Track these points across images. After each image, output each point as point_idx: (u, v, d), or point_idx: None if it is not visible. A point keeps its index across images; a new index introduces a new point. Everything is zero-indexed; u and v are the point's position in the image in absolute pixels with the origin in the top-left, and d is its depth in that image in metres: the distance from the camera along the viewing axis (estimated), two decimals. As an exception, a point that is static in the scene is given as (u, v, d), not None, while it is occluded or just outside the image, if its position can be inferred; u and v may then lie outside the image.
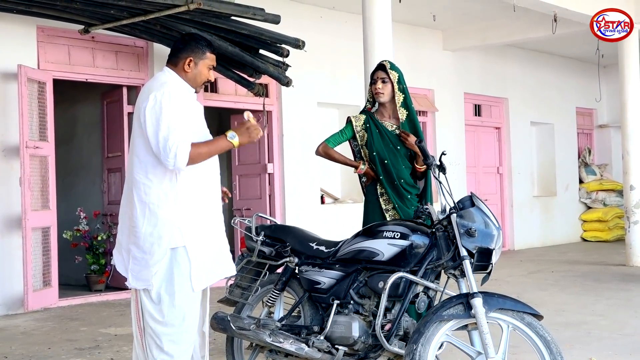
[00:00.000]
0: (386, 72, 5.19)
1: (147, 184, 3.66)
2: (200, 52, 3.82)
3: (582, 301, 8.02)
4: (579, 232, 16.18)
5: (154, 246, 3.65)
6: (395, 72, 5.20)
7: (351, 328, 4.01)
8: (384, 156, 5.16)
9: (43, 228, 8.17)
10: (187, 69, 3.81)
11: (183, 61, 3.80)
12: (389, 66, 5.23)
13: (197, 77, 3.84)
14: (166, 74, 3.81)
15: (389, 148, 5.17)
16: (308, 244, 4.41)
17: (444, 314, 3.67)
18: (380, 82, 5.19)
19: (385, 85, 5.18)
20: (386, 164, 5.16)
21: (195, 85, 3.85)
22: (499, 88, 14.47)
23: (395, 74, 5.19)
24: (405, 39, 11.87)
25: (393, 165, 5.15)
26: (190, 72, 3.81)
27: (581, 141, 17.04)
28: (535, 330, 3.58)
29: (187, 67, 3.80)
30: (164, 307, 3.67)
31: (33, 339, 6.62)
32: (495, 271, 3.96)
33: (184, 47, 3.81)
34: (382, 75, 5.20)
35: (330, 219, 10.86)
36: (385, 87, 5.18)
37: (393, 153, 5.16)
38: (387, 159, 5.16)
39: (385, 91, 5.18)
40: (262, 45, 8.51)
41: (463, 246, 3.78)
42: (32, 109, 8.05)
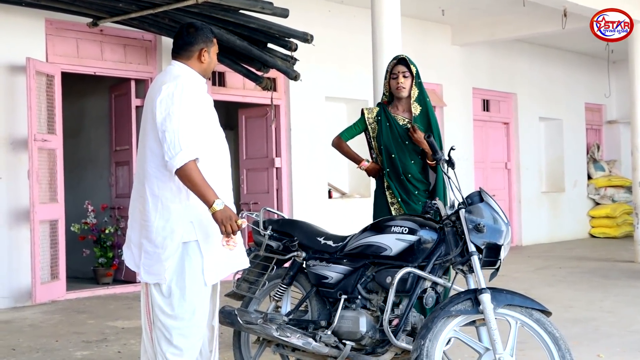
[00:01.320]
0: (407, 67, 5.18)
1: (160, 177, 3.66)
2: (209, 40, 3.85)
3: (590, 297, 8.00)
4: (587, 228, 16.14)
5: (167, 240, 3.65)
6: (414, 67, 5.20)
7: (358, 323, 4.01)
8: (392, 150, 5.15)
9: (51, 221, 8.19)
10: (202, 59, 3.81)
11: (197, 53, 3.80)
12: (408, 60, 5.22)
13: (210, 65, 3.86)
14: (177, 68, 3.80)
15: (397, 142, 5.16)
16: (315, 238, 4.41)
17: (451, 309, 3.66)
18: (402, 76, 5.17)
19: (407, 79, 5.17)
20: (393, 158, 5.15)
21: (207, 75, 3.87)
22: (508, 83, 14.42)
23: (414, 68, 5.19)
24: (413, 33, 11.85)
25: (400, 160, 5.13)
26: (205, 62, 3.82)
27: (590, 137, 16.98)
28: (543, 327, 3.57)
29: (202, 58, 3.81)
30: (174, 300, 3.67)
31: (41, 332, 6.64)
32: (503, 267, 3.95)
33: (195, 39, 3.80)
34: (403, 70, 5.18)
35: (337, 214, 10.86)
36: (406, 82, 5.17)
37: (401, 147, 5.15)
38: (394, 152, 5.14)
39: (407, 85, 5.18)
40: (271, 39, 8.50)
41: (471, 242, 3.77)
42: (41, 102, 8.07)
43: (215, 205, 3.52)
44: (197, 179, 3.52)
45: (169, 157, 3.52)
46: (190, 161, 3.51)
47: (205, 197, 3.53)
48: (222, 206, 3.53)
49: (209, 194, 3.53)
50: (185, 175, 3.52)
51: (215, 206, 3.52)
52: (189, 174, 3.51)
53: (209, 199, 3.53)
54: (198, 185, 3.53)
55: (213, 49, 3.87)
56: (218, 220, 3.53)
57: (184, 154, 3.51)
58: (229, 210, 3.56)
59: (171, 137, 3.53)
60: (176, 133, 3.53)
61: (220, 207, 3.52)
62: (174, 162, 3.51)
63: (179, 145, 3.51)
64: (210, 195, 3.53)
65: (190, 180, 3.53)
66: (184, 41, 3.82)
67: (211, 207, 3.52)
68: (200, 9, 7.66)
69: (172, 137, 3.53)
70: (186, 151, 3.51)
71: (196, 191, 3.55)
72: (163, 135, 3.55)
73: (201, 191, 3.53)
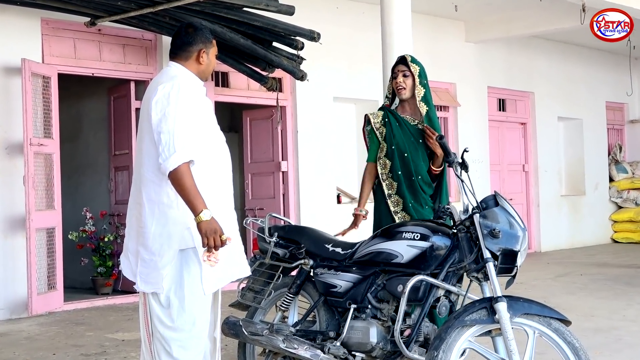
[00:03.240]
0: (407, 66, 5.17)
1: (157, 182, 3.67)
2: (208, 41, 3.88)
3: (613, 306, 7.97)
4: (609, 233, 16.09)
5: (163, 247, 3.66)
6: (417, 66, 5.18)
7: (369, 334, 4.01)
8: (404, 149, 5.11)
9: (48, 229, 8.21)
10: (201, 60, 3.83)
11: (196, 54, 3.83)
12: (410, 59, 5.21)
13: (208, 67, 3.89)
14: (174, 69, 3.82)
15: (410, 141, 5.12)
16: (324, 245, 4.42)
17: (466, 319, 3.66)
18: (401, 75, 5.16)
19: (407, 79, 5.16)
20: (405, 157, 5.11)
21: (205, 77, 3.89)
22: (525, 82, 14.40)
23: (417, 68, 5.16)
24: (425, 30, 11.84)
25: (412, 160, 5.10)
26: (203, 63, 3.84)
27: (611, 137, 16.93)
28: (562, 337, 3.56)
29: (201, 59, 3.83)
30: (173, 311, 3.68)
31: (37, 344, 6.66)
32: (520, 274, 3.95)
33: (193, 40, 3.83)
34: (403, 69, 5.17)
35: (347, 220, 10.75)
36: (406, 81, 5.16)
37: (414, 146, 5.11)
38: (407, 152, 5.11)
39: (407, 85, 5.16)
40: (276, 38, 8.51)
41: (486, 248, 3.77)
42: (37, 105, 8.10)
43: (202, 215, 3.49)
44: (187, 183, 3.51)
45: (163, 159, 3.53)
46: (183, 164, 3.51)
47: (192, 203, 3.51)
48: (209, 217, 3.50)
49: (197, 202, 3.51)
50: (176, 179, 3.52)
51: (202, 216, 3.49)
52: (179, 177, 3.51)
53: (196, 206, 3.50)
54: (187, 190, 3.51)
55: (212, 50, 3.89)
56: (202, 231, 3.50)
57: (177, 156, 3.51)
58: (215, 223, 3.52)
59: (166, 138, 3.54)
60: (171, 134, 3.54)
61: (206, 218, 3.50)
62: (167, 164, 3.51)
63: (174, 147, 3.52)
64: (198, 203, 3.50)
65: (180, 184, 3.52)
66: (182, 41, 3.85)
67: (197, 216, 3.50)
68: (202, 7, 7.68)
69: (167, 138, 3.54)
70: (180, 153, 3.52)
71: (184, 196, 3.53)
72: (158, 136, 3.56)
73: (189, 197, 3.51)
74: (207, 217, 3.50)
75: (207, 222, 3.50)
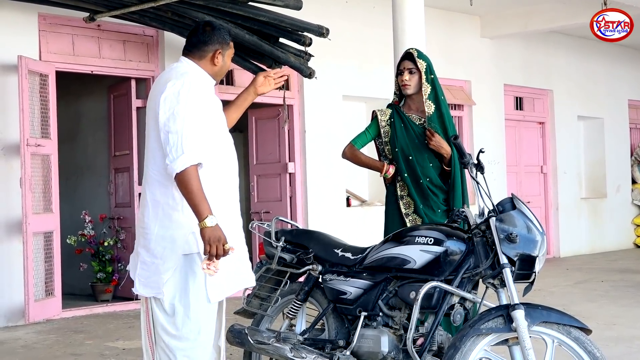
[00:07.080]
0: (413, 62, 5.16)
1: (163, 182, 3.68)
2: (225, 43, 3.89)
3: (636, 314, 7.95)
4: (631, 237, 16.04)
5: (166, 251, 3.67)
6: (424, 61, 5.16)
7: (380, 342, 4.01)
8: (409, 152, 5.11)
9: (45, 233, 8.23)
10: (216, 61, 3.85)
11: (211, 54, 3.85)
12: (417, 54, 5.19)
13: (222, 69, 3.91)
14: (185, 65, 3.83)
15: (414, 144, 5.12)
16: (333, 250, 4.42)
17: (482, 327, 3.66)
18: (407, 72, 5.15)
19: (413, 76, 5.15)
20: (410, 161, 5.11)
21: (219, 78, 3.91)
22: (543, 79, 14.39)
23: (424, 63, 5.15)
24: (439, 25, 11.85)
25: (418, 163, 5.09)
26: (218, 65, 3.85)
27: (634, 137, 16.89)
28: (582, 346, 3.56)
29: (216, 60, 3.85)
30: (178, 319, 3.69)
31: (35, 353, 6.68)
32: (538, 280, 3.95)
33: (210, 39, 3.84)
34: (409, 65, 5.16)
35: (357, 223, 10.86)
36: (412, 78, 5.14)
37: (418, 149, 5.11)
38: (411, 155, 5.11)
39: (412, 82, 5.14)
40: (283, 34, 8.52)
41: (503, 253, 3.77)
42: (34, 104, 8.12)
43: (206, 221, 3.50)
44: (194, 187, 3.52)
45: (170, 161, 3.54)
46: (191, 166, 3.52)
47: (198, 208, 3.52)
48: (213, 224, 3.51)
49: (203, 207, 3.51)
50: (183, 181, 3.52)
51: (207, 222, 3.50)
52: (186, 180, 3.51)
53: (202, 211, 3.51)
54: (193, 194, 3.51)
55: (228, 52, 3.91)
56: (205, 238, 3.51)
57: (185, 158, 3.52)
58: (219, 231, 3.52)
59: (174, 139, 3.54)
60: (180, 135, 3.54)
61: (211, 224, 3.50)
62: (174, 166, 3.52)
63: (182, 148, 3.52)
64: (204, 209, 3.51)
65: (187, 188, 3.52)
66: (198, 39, 3.86)
67: (202, 221, 3.50)
68: (206, 1, 7.70)
69: (175, 139, 3.54)
70: (189, 155, 3.52)
71: (190, 200, 3.53)
72: (166, 136, 3.57)
73: (195, 201, 3.52)
74: (212, 223, 3.50)
75: (211, 228, 3.50)
